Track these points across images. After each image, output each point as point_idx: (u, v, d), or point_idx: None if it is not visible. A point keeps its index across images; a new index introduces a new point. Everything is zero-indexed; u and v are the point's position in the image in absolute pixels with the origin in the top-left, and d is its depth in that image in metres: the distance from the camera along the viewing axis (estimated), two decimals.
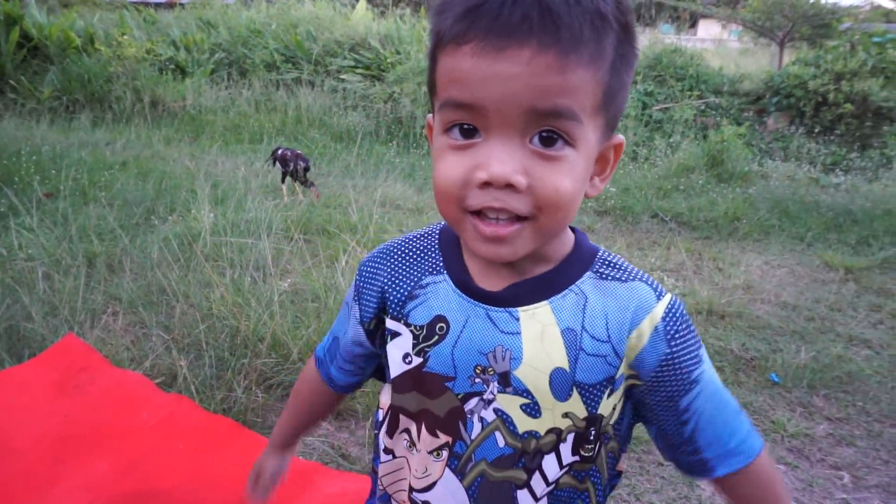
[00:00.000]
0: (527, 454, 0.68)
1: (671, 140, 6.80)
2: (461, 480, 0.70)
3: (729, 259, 4.02)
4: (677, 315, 0.68)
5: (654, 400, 0.70)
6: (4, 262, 3.02)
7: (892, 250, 4.22)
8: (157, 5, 16.51)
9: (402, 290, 0.72)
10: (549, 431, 0.68)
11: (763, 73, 8.23)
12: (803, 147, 6.91)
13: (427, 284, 0.71)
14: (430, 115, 0.67)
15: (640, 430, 2.12)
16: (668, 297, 0.69)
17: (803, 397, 2.51)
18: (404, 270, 0.73)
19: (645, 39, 11.01)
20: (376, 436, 0.79)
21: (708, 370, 0.71)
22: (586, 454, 0.69)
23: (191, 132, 7.01)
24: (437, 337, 0.68)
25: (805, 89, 7.25)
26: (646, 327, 0.67)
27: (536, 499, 0.70)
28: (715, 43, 18.68)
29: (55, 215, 3.72)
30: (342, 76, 8.73)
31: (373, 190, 4.78)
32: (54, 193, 4.30)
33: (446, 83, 0.60)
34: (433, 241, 0.74)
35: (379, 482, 0.78)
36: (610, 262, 0.71)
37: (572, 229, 0.72)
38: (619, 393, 0.69)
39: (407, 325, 0.71)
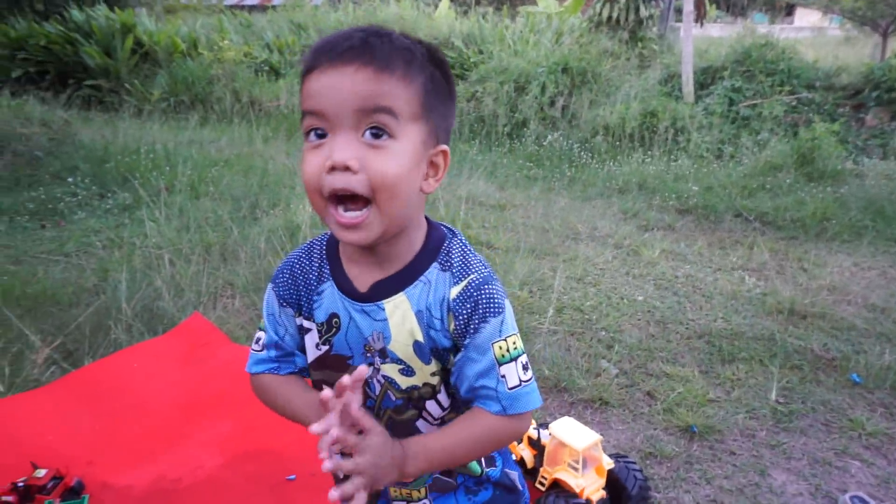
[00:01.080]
0: (412, 401, 0.93)
1: (759, 138, 6.64)
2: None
3: (815, 260, 3.97)
4: (473, 289, 0.88)
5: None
6: (137, 249, 3.44)
7: None
8: (252, 8, 17.43)
9: (308, 297, 0.95)
10: (425, 385, 0.92)
11: (862, 66, 7.84)
12: None
13: (322, 291, 0.94)
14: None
15: (713, 423, 2.19)
16: (469, 279, 0.89)
17: (886, 398, 2.52)
18: (304, 282, 0.96)
19: (734, 31, 10.68)
20: None
21: (490, 344, 0.88)
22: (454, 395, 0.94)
23: (286, 131, 7.46)
24: (334, 329, 0.92)
25: None
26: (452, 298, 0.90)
27: (432, 423, 0.95)
28: (814, 31, 17.72)
29: (173, 208, 4.15)
30: None
31: (457, 187, 4.99)
32: (170, 188, 4.77)
33: (303, 100, 0.82)
34: (322, 252, 0.96)
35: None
36: (450, 254, 0.92)
37: (428, 222, 0.94)
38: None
39: (314, 322, 0.94)
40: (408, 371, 0.90)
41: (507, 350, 0.88)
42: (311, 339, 0.95)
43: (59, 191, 4.68)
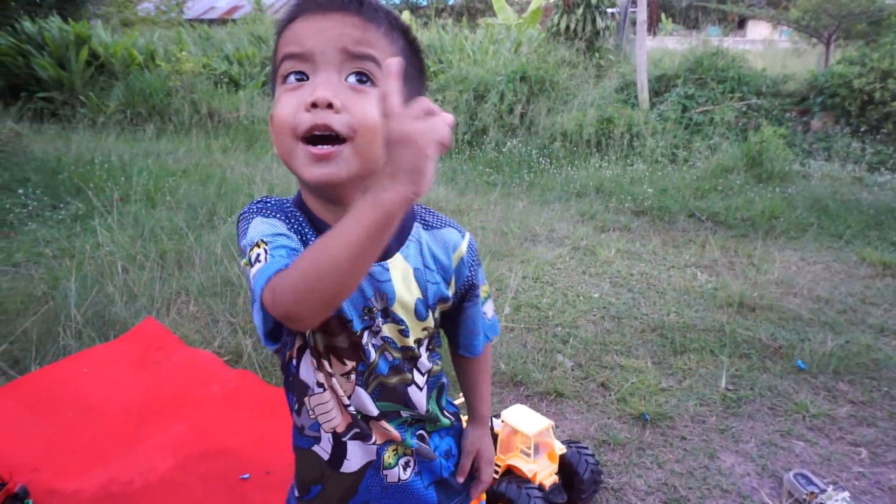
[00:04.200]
0: (407, 361, 0.94)
1: (710, 142, 6.84)
2: (366, 389, 0.91)
3: (763, 256, 4.10)
4: (474, 249, 0.99)
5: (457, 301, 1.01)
6: (89, 257, 3.37)
7: None
8: (211, 21, 17.28)
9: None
10: (416, 342, 0.94)
11: (807, 74, 8.16)
12: (848, 146, 6.84)
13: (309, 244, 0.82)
14: (272, 113, 0.82)
15: (665, 410, 2.23)
16: (468, 236, 0.98)
17: (828, 382, 2.61)
18: (300, 236, 0.83)
19: (688, 43, 11.01)
20: (292, 382, 0.94)
21: (482, 293, 1.04)
22: (432, 346, 0.99)
23: (245, 141, 7.40)
24: None
25: (850, 88, 7.17)
26: (457, 258, 0.96)
27: (420, 388, 0.96)
28: (765, 44, 18.35)
29: (128, 217, 4.08)
30: None
31: None
32: (124, 198, 4.68)
33: (284, 45, 0.81)
34: (300, 218, 0.85)
35: (311, 413, 0.93)
36: (427, 211, 0.96)
37: None
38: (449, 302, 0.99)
39: None
40: (405, 332, 0.91)
41: (487, 291, 1.05)
42: None
43: (8, 202, 4.55)
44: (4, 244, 3.80)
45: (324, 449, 0.95)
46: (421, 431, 1.00)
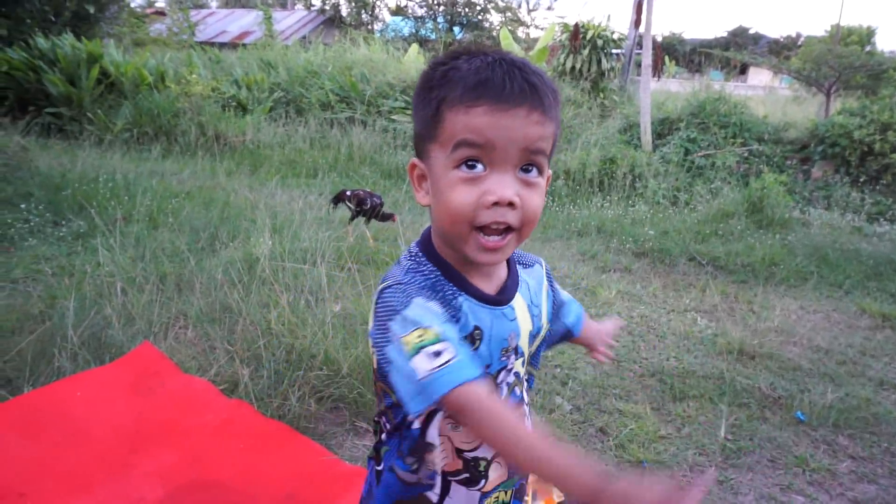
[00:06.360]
0: (520, 385, 1.01)
1: (712, 186, 6.90)
2: None
3: (763, 303, 4.10)
4: (549, 272, 1.10)
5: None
6: (89, 277, 3.36)
7: None
8: (222, 45, 17.51)
9: (454, 315, 0.89)
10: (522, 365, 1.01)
11: (808, 123, 8.27)
12: (848, 196, 6.90)
13: (460, 307, 0.89)
14: (414, 159, 0.91)
15: (664, 459, 2.19)
16: (545, 265, 1.09)
17: (828, 435, 2.59)
18: (444, 298, 0.89)
19: (690, 86, 11.17)
20: (413, 446, 0.95)
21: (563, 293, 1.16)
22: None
23: (250, 165, 7.44)
24: (477, 342, 0.91)
25: (850, 139, 7.27)
26: (545, 289, 1.08)
27: (529, 418, 1.05)
28: (765, 90, 18.65)
29: (129, 237, 4.07)
30: (393, 117, 9.13)
31: (420, 225, 5.03)
32: (127, 218, 4.68)
33: (459, 131, 0.82)
34: (438, 275, 0.91)
35: (431, 465, 0.95)
36: (520, 255, 1.05)
37: None
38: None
39: None
40: (524, 362, 0.99)
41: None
42: None
43: (10, 217, 4.55)
44: (4, 259, 3.79)
45: (435, 492, 0.97)
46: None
